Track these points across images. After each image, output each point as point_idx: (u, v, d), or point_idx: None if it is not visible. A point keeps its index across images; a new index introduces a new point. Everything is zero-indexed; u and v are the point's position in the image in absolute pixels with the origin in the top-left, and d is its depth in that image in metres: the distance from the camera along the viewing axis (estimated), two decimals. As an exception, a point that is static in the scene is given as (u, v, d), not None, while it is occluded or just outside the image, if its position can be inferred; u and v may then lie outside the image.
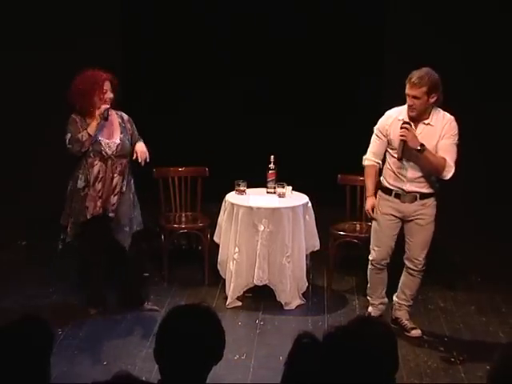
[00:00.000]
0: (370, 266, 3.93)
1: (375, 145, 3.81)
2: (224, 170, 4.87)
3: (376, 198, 3.84)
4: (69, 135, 3.84)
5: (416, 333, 3.85)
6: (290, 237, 4.18)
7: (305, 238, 4.28)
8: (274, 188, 4.44)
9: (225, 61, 5.53)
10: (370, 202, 3.81)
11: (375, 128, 3.82)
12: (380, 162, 3.82)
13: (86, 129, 3.81)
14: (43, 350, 1.70)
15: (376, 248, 3.87)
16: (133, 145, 3.96)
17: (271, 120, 5.46)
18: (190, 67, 5.53)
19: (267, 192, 4.47)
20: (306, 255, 4.36)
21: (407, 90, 3.60)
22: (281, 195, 4.39)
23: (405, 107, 3.71)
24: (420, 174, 3.70)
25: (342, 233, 4.45)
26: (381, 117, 3.82)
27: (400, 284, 3.91)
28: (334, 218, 4.53)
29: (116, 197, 3.89)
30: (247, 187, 4.45)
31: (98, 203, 3.86)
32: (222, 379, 3.20)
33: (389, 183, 3.77)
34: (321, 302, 4.32)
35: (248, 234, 4.19)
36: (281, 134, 5.40)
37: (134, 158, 3.91)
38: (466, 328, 4.05)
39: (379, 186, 3.82)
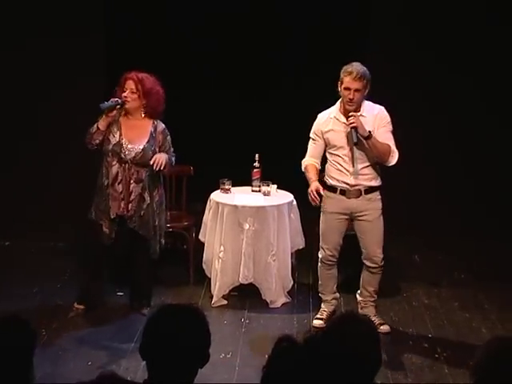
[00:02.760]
0: (319, 264, 4.00)
1: (311, 148, 3.91)
2: (209, 168, 4.86)
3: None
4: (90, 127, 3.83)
5: (385, 328, 3.87)
6: (275, 235, 4.19)
7: (290, 236, 4.29)
8: (259, 186, 4.45)
9: (209, 60, 5.52)
10: (314, 185, 3.76)
11: (311, 133, 3.92)
12: (319, 163, 3.89)
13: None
14: (25, 350, 1.68)
15: (325, 246, 3.93)
16: None
17: (256, 119, 5.46)
18: (174, 66, 5.51)
19: (252, 190, 4.48)
20: (291, 253, 4.37)
21: (348, 84, 3.68)
22: (266, 194, 4.40)
23: (334, 107, 3.83)
24: (363, 166, 3.78)
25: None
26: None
27: (361, 282, 3.95)
28: (318, 217, 4.54)
29: (131, 204, 3.83)
30: (232, 186, 4.45)
31: (122, 204, 3.82)
32: (208, 379, 3.19)
33: (333, 178, 3.83)
34: (306, 300, 4.34)
35: (233, 233, 4.19)
36: (266, 133, 5.40)
37: (150, 162, 3.80)
38: (450, 324, 4.09)
39: (324, 186, 3.85)
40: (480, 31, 5.22)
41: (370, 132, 3.69)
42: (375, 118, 3.76)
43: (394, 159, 3.77)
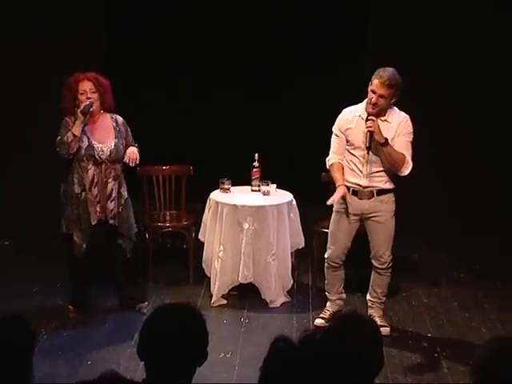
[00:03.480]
0: (326, 264, 3.98)
1: (335, 145, 3.86)
2: (208, 168, 4.86)
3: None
4: (58, 138, 3.79)
5: (384, 331, 3.84)
6: (274, 235, 4.19)
7: (289, 235, 4.29)
8: (259, 186, 4.45)
9: (209, 59, 5.51)
10: (341, 190, 3.75)
11: (334, 128, 3.86)
12: (343, 160, 3.85)
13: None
14: (25, 350, 1.68)
15: (332, 247, 3.91)
16: (125, 148, 3.90)
17: (256, 118, 5.46)
18: (173, 65, 5.51)
19: (252, 190, 4.48)
20: (291, 253, 4.37)
21: (374, 88, 3.65)
22: (265, 193, 4.40)
23: (361, 105, 3.78)
24: (376, 170, 3.75)
25: (326, 230, 4.43)
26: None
27: (371, 282, 3.95)
28: (318, 216, 4.54)
29: (113, 203, 3.83)
30: (232, 185, 4.45)
31: (98, 208, 3.81)
32: (207, 378, 3.20)
33: (346, 180, 3.81)
34: (306, 300, 4.34)
35: (233, 232, 4.19)
36: (265, 133, 5.40)
37: (124, 160, 3.85)
38: (450, 324, 4.09)
39: (336, 186, 3.84)
40: (482, 29, 5.21)
41: (386, 139, 3.65)
42: (398, 125, 3.73)
43: (406, 170, 3.73)
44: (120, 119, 3.94)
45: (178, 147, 5.28)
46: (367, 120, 3.67)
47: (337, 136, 3.85)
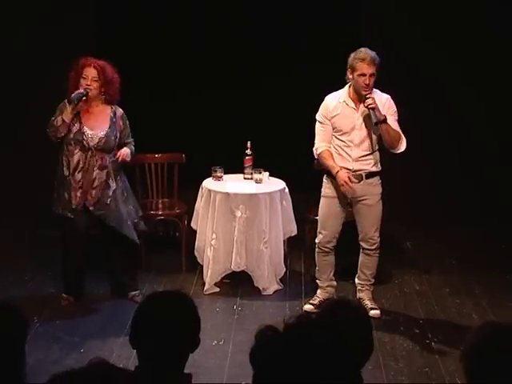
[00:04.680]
0: (316, 250, 4.00)
1: (321, 133, 3.87)
2: (201, 156, 4.85)
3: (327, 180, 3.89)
4: (51, 119, 3.79)
5: (375, 313, 3.90)
6: (267, 222, 4.19)
7: (282, 223, 4.29)
8: (251, 174, 4.44)
9: (201, 46, 5.48)
10: (344, 174, 3.77)
11: (318, 116, 3.88)
12: (331, 147, 3.87)
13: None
14: (17, 338, 1.68)
15: (323, 231, 3.93)
16: (120, 142, 3.88)
17: (248, 106, 5.44)
18: (165, 53, 5.47)
19: (244, 178, 4.47)
20: (284, 241, 4.38)
21: (363, 70, 3.67)
22: (258, 181, 4.39)
23: (343, 90, 3.82)
24: (364, 153, 3.80)
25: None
26: None
27: (359, 265, 3.98)
28: (310, 204, 4.55)
29: (95, 191, 3.82)
30: (224, 173, 4.45)
31: (78, 193, 3.80)
32: (200, 365, 3.22)
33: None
34: (298, 287, 4.35)
35: (225, 220, 4.19)
36: (257, 121, 5.38)
37: (116, 157, 3.84)
38: (441, 310, 4.12)
39: (325, 171, 3.87)
40: (478, 20, 5.21)
41: (385, 116, 3.70)
42: (383, 106, 3.76)
43: (403, 146, 3.80)
44: (119, 112, 3.92)
45: (170, 135, 5.26)
46: (366, 99, 3.68)
47: (322, 123, 3.86)
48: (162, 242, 4.93)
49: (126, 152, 3.90)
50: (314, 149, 3.90)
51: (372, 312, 3.88)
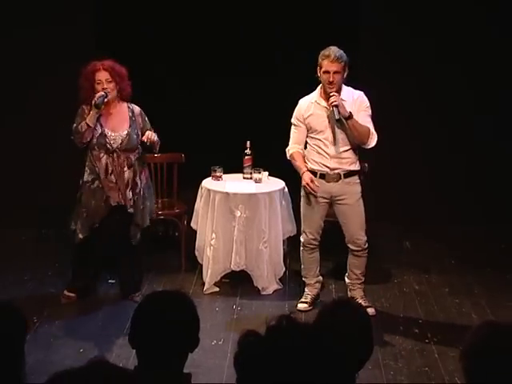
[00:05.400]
0: (301, 248, 4.04)
1: (294, 135, 3.94)
2: (200, 156, 4.85)
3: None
4: (73, 126, 3.79)
5: (370, 311, 3.89)
6: (266, 222, 4.19)
7: (281, 223, 4.30)
8: (251, 174, 4.44)
9: (200, 46, 5.48)
10: (307, 176, 3.84)
11: (292, 119, 3.95)
12: (303, 149, 3.94)
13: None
14: (16, 337, 1.68)
15: (307, 230, 3.98)
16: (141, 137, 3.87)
17: (248, 105, 5.44)
18: (165, 52, 5.47)
19: (244, 178, 4.47)
20: (283, 240, 4.38)
21: (327, 68, 3.73)
22: (257, 181, 4.40)
23: (315, 92, 3.89)
24: (343, 150, 3.84)
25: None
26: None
27: (348, 266, 4.01)
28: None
29: (131, 192, 3.83)
30: (223, 173, 4.45)
31: (117, 194, 3.80)
32: (200, 365, 3.22)
33: (313, 162, 3.88)
34: (297, 287, 4.35)
35: (225, 220, 4.19)
36: (257, 120, 5.38)
37: (143, 138, 3.82)
38: (440, 310, 4.12)
39: (301, 174, 3.89)
40: (478, 20, 5.21)
41: (350, 112, 3.75)
42: (354, 102, 3.82)
43: (373, 141, 3.84)
44: (137, 109, 3.92)
45: (169, 135, 5.25)
46: (329, 97, 3.73)
47: (296, 126, 3.93)
48: (162, 241, 4.93)
49: (151, 133, 3.85)
50: (286, 150, 3.97)
51: (368, 310, 3.89)
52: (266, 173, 4.46)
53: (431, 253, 4.97)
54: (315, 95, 3.89)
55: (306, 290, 4.10)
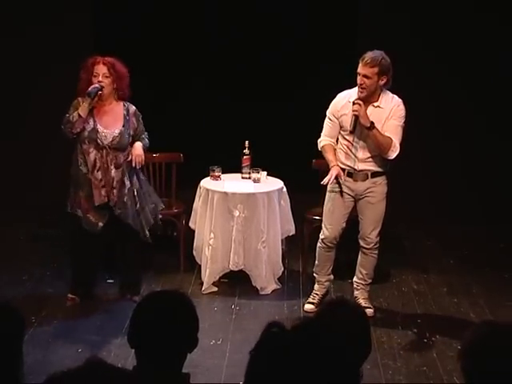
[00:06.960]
0: (319, 244, 3.99)
1: (328, 128, 3.90)
2: (199, 155, 4.85)
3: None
4: (66, 116, 3.78)
5: (368, 312, 3.88)
6: (265, 222, 4.19)
7: (280, 223, 4.29)
8: (249, 173, 4.44)
9: (200, 46, 5.48)
10: (336, 169, 3.80)
11: (328, 112, 3.90)
12: (335, 143, 3.89)
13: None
14: (14, 337, 1.68)
15: (328, 226, 3.93)
16: (133, 140, 3.86)
17: (246, 105, 5.44)
18: (164, 53, 5.47)
19: (242, 177, 4.47)
20: (282, 240, 4.38)
21: (359, 69, 3.69)
22: (256, 180, 4.39)
23: (354, 90, 3.80)
24: (370, 155, 3.81)
25: (316, 217, 4.46)
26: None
27: (357, 264, 3.99)
28: (308, 203, 4.55)
29: (115, 190, 3.79)
30: (222, 173, 4.45)
31: (103, 192, 3.78)
32: (198, 364, 3.22)
33: (341, 162, 3.85)
34: (296, 287, 4.35)
35: (223, 220, 4.19)
36: (256, 120, 5.38)
37: (129, 159, 3.82)
38: (439, 309, 4.13)
39: (330, 167, 3.86)
40: (478, 20, 5.21)
41: (372, 123, 3.68)
42: (391, 110, 3.76)
43: (393, 153, 3.77)
44: (132, 109, 3.90)
45: (167, 135, 5.26)
46: (354, 104, 3.70)
47: (330, 120, 3.89)
48: (160, 241, 4.92)
49: (138, 154, 3.81)
50: (318, 141, 3.92)
51: (366, 310, 3.88)
52: (265, 172, 4.46)
53: (430, 252, 4.97)
54: (354, 94, 3.77)
55: (315, 287, 4.06)
